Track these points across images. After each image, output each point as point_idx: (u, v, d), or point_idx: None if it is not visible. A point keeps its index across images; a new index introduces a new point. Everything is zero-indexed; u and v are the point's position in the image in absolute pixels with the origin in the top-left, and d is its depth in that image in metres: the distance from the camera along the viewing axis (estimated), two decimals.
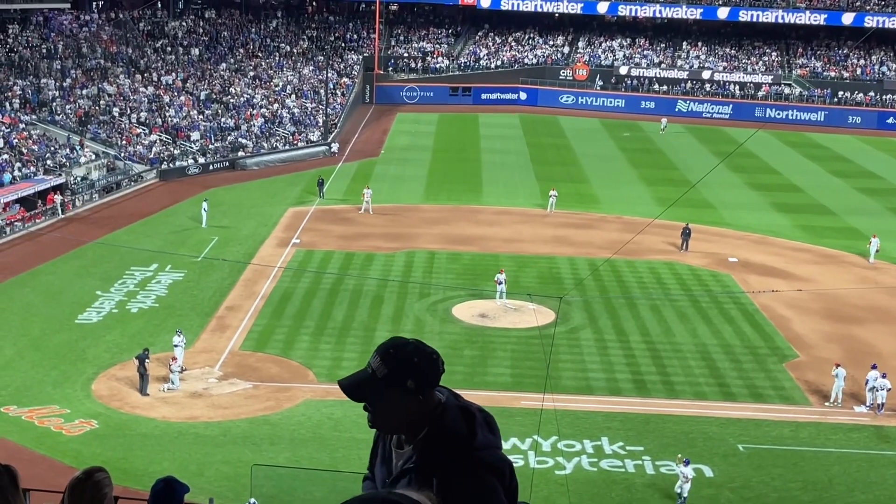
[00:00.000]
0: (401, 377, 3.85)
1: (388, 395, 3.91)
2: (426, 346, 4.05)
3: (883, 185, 72.14)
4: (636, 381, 36.37)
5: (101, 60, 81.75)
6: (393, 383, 3.85)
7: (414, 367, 3.90)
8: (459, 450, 3.94)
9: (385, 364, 3.92)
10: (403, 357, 3.93)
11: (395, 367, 3.88)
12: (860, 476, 29.98)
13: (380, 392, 3.93)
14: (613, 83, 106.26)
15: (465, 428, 4.02)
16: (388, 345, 4.06)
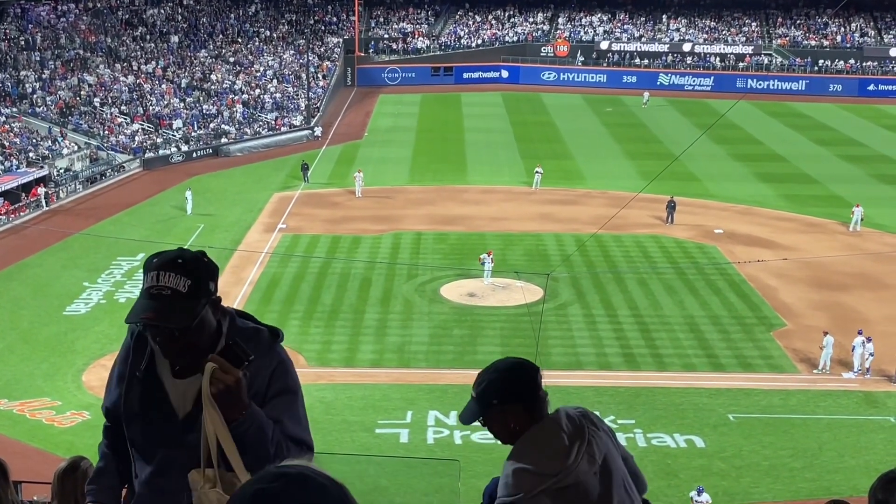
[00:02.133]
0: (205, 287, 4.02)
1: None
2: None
3: (865, 153, 72.38)
4: (625, 354, 36.56)
5: (80, 51, 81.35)
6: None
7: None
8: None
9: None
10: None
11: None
12: (850, 441, 30.24)
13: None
14: (595, 58, 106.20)
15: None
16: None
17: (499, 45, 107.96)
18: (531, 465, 4.33)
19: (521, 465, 4.34)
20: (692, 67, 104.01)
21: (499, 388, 4.54)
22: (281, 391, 4.09)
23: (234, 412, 3.80)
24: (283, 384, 4.10)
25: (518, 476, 4.32)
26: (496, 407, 4.50)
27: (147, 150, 69.09)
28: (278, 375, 4.10)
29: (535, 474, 4.31)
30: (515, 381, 4.61)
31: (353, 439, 29.76)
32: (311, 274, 45.22)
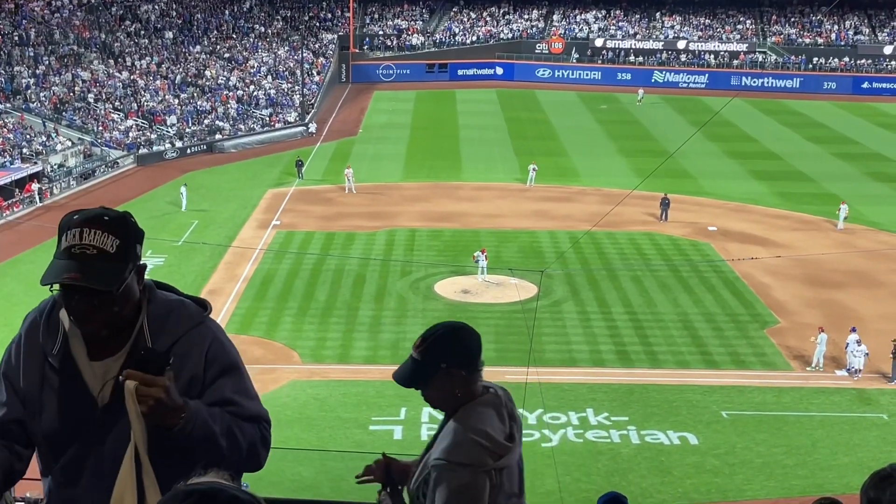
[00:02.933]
0: None
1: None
2: None
3: (859, 150, 72.48)
4: (619, 351, 36.59)
5: (74, 46, 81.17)
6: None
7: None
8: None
9: None
10: None
11: None
12: (843, 439, 30.29)
13: None
14: (589, 55, 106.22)
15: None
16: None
17: (493, 42, 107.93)
18: (485, 441, 4.27)
19: (476, 437, 4.27)
20: (687, 65, 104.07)
21: (450, 350, 4.42)
22: (223, 370, 3.74)
23: (170, 420, 3.46)
24: (223, 361, 3.74)
25: (473, 446, 4.24)
26: (443, 371, 4.36)
27: (141, 146, 68.99)
28: (215, 353, 3.72)
29: (487, 450, 4.26)
30: (467, 344, 4.50)
31: (347, 436, 29.76)
32: (306, 270, 45.20)
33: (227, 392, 3.73)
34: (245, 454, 3.74)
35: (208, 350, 3.72)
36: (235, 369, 3.80)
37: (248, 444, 3.75)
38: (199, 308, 3.82)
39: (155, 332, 3.68)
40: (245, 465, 3.80)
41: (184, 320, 3.72)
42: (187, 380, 3.63)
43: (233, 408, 3.72)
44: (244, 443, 3.71)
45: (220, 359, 3.75)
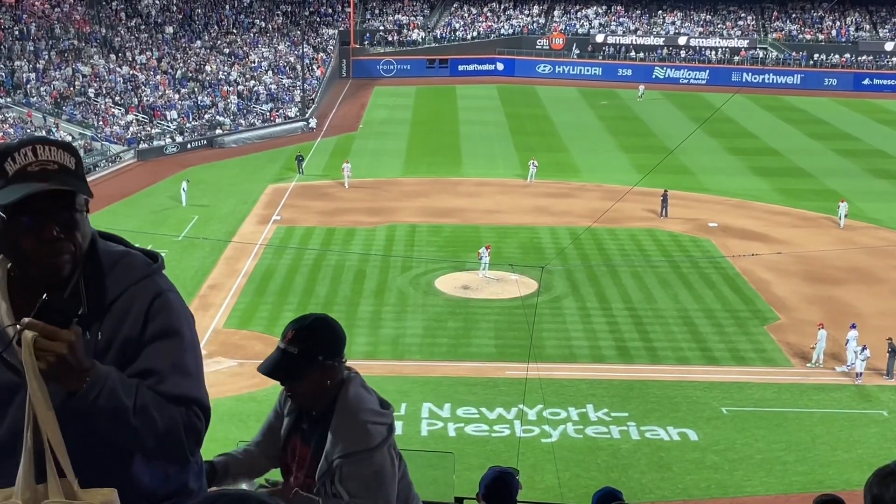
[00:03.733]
0: None
1: None
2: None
3: (860, 147, 72.46)
4: (619, 347, 36.59)
5: (74, 41, 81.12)
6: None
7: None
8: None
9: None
10: None
11: None
12: (843, 435, 30.30)
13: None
14: (590, 51, 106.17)
15: None
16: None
17: (494, 38, 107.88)
18: (378, 418, 4.42)
19: (369, 419, 4.38)
20: (687, 61, 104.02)
21: (326, 342, 4.40)
22: (160, 334, 3.18)
23: (71, 383, 2.95)
24: (164, 324, 3.18)
25: (372, 428, 4.35)
26: (320, 363, 4.34)
27: (141, 141, 68.97)
28: (157, 312, 3.17)
29: (383, 426, 4.43)
30: (340, 334, 4.51)
31: None
32: (306, 266, 45.19)
33: (157, 361, 3.16)
34: (162, 439, 3.14)
35: (150, 307, 3.18)
36: (175, 336, 3.21)
37: (167, 428, 3.13)
38: (147, 260, 3.31)
39: (93, 285, 3.17)
40: (164, 453, 3.24)
41: (128, 273, 3.21)
42: (122, 341, 3.14)
43: (157, 382, 3.14)
44: (161, 425, 3.11)
45: (162, 320, 3.18)
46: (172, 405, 3.15)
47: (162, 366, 3.17)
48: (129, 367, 3.14)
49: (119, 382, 3.04)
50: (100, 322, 3.16)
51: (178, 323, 3.23)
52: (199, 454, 3.42)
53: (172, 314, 3.22)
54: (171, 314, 3.22)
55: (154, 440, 3.13)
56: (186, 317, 3.30)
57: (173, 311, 3.23)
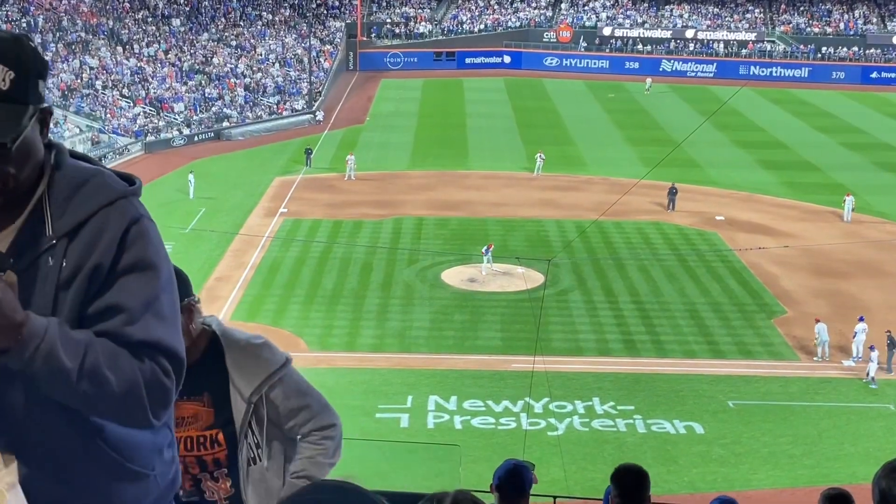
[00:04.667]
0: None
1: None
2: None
3: (867, 140, 72.28)
4: (626, 341, 36.59)
5: (81, 33, 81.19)
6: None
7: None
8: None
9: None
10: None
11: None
12: (849, 429, 30.28)
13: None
14: (597, 44, 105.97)
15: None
16: None
17: (501, 31, 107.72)
18: (262, 339, 4.46)
19: (260, 341, 4.42)
20: (695, 54, 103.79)
21: (181, 285, 3.91)
22: (134, 265, 2.69)
23: (1, 340, 2.49)
24: (140, 255, 2.70)
25: (270, 346, 4.42)
26: (185, 306, 4.08)
27: (149, 133, 69.04)
28: (133, 240, 2.70)
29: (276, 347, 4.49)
30: (181, 272, 4.14)
31: (354, 424, 29.77)
32: (313, 258, 45.23)
33: (128, 297, 2.65)
34: (119, 403, 2.64)
35: (126, 233, 2.70)
36: (153, 271, 2.72)
37: (125, 389, 2.62)
38: (122, 181, 2.83)
39: (58, 206, 2.68)
40: (120, 417, 2.72)
41: (100, 192, 2.72)
42: (91, 270, 2.63)
43: (125, 322, 2.65)
44: (117, 387, 2.60)
45: (138, 250, 2.70)
46: (138, 355, 2.64)
47: (133, 303, 2.65)
48: (95, 302, 2.65)
49: (61, 340, 2.53)
50: (65, 247, 2.65)
51: (156, 256, 2.74)
52: (167, 417, 2.92)
53: (150, 245, 2.74)
54: (150, 245, 2.74)
55: (108, 402, 2.63)
56: (165, 252, 2.81)
57: (151, 242, 2.76)
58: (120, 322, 2.64)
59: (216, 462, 4.32)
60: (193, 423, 4.31)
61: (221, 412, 4.30)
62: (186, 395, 4.27)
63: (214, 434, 4.30)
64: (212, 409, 4.31)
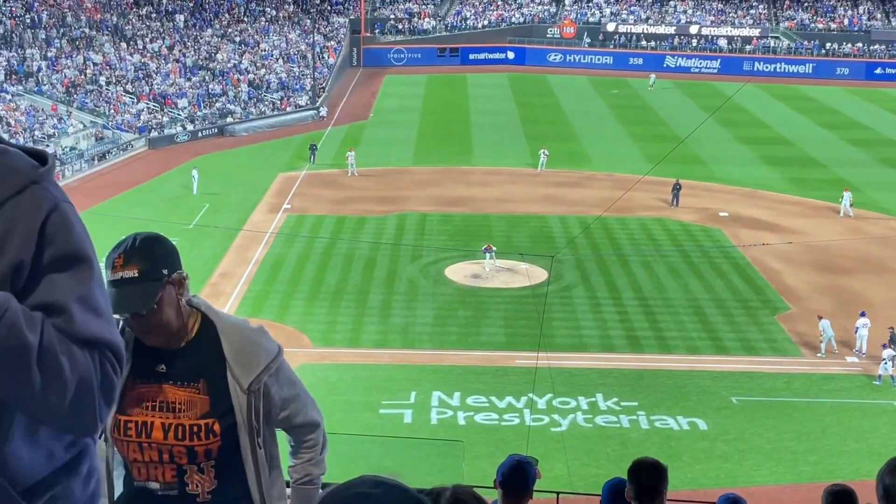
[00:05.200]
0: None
1: None
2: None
3: (871, 136, 72.19)
4: (629, 337, 36.58)
5: (85, 29, 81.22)
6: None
7: None
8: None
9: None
10: None
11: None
12: (853, 425, 30.26)
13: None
14: (601, 40, 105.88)
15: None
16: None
17: (505, 26, 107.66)
18: (254, 325, 4.29)
19: (254, 326, 4.26)
20: (699, 50, 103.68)
21: (167, 254, 3.92)
22: (61, 259, 2.37)
23: None
24: (66, 247, 2.38)
25: (265, 332, 4.25)
26: (167, 280, 3.87)
27: (152, 129, 69.07)
28: (55, 231, 2.36)
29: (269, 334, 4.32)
30: (171, 244, 4.03)
31: (357, 419, 29.81)
32: (316, 254, 45.25)
33: (61, 294, 2.35)
34: (71, 397, 2.35)
35: (45, 223, 2.34)
36: (82, 264, 2.42)
37: (78, 379, 2.36)
38: (31, 161, 2.41)
39: None
40: (69, 417, 2.39)
41: (6, 180, 2.33)
42: (10, 269, 2.31)
43: (64, 322, 2.35)
44: (70, 376, 2.33)
45: (63, 241, 2.38)
46: (83, 352, 2.38)
47: (68, 301, 2.35)
48: (24, 302, 2.32)
49: (22, 311, 2.26)
50: None
51: (82, 246, 2.43)
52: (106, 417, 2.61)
53: (75, 234, 2.41)
54: (74, 234, 2.41)
55: (59, 393, 2.32)
56: (90, 238, 2.49)
57: (76, 231, 2.42)
58: (60, 321, 2.34)
59: (207, 453, 4.08)
60: (187, 411, 4.06)
61: (218, 401, 4.07)
62: (181, 380, 4.08)
63: (210, 423, 4.06)
64: (207, 396, 4.06)
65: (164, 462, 4.09)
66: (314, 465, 4.51)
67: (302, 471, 4.49)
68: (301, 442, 4.46)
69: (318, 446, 4.52)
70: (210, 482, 4.13)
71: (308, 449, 4.47)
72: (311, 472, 4.50)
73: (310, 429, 4.44)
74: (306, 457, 4.48)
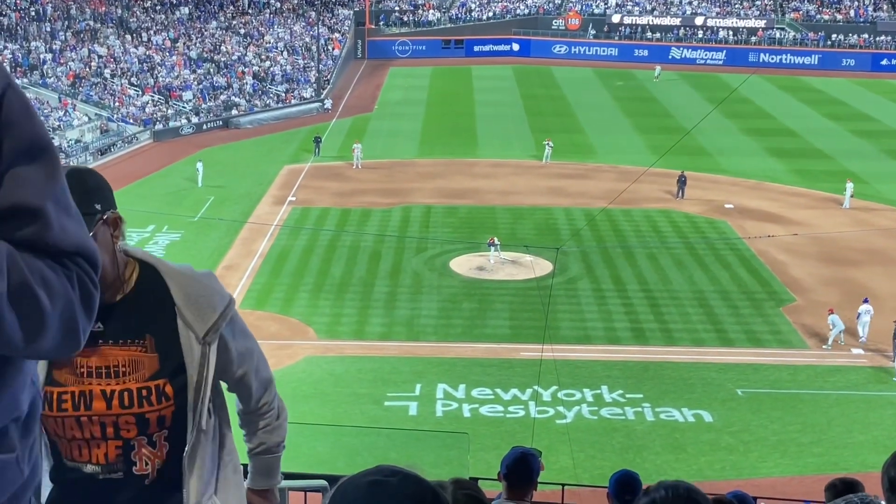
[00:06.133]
0: None
1: None
2: None
3: (877, 127, 72.04)
4: (634, 329, 36.57)
5: (90, 22, 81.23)
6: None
7: None
8: None
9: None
10: None
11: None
12: (858, 417, 30.24)
13: None
14: (606, 32, 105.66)
15: None
16: None
17: (510, 18, 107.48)
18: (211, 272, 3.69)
19: (201, 270, 3.64)
20: (704, 41, 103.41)
21: (99, 187, 3.50)
22: (25, 150, 1.93)
23: None
24: (27, 135, 1.94)
25: (217, 278, 3.67)
26: (100, 217, 3.37)
27: (157, 121, 69.09)
28: (15, 113, 1.92)
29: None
30: (102, 177, 3.61)
31: (362, 412, 29.86)
32: (321, 247, 45.27)
33: (31, 194, 1.93)
34: (54, 333, 1.98)
35: (1, 106, 1.90)
36: (48, 153, 1.99)
37: (60, 311, 1.98)
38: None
39: None
40: (51, 351, 2.04)
41: None
42: None
43: (37, 230, 1.95)
44: (52, 312, 1.95)
45: (23, 128, 1.93)
46: (60, 263, 1.99)
47: (41, 201, 1.94)
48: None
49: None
50: None
51: (45, 132, 2.01)
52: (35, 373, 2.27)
53: (37, 119, 1.98)
54: (36, 119, 1.98)
55: (40, 337, 1.95)
56: (44, 129, 2.02)
57: (36, 115, 1.98)
58: (35, 229, 1.94)
59: (160, 421, 3.48)
60: (132, 374, 3.45)
61: (168, 358, 3.48)
62: (122, 338, 3.47)
63: (161, 385, 3.47)
64: (155, 353, 3.47)
65: (108, 437, 3.47)
66: (270, 433, 4.04)
67: (257, 441, 4.06)
68: (256, 408, 3.96)
69: (275, 411, 4.02)
70: (162, 457, 3.53)
71: (263, 415, 3.98)
72: (267, 440, 4.05)
73: (265, 390, 3.92)
74: (262, 423, 4.01)
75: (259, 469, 4.13)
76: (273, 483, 4.19)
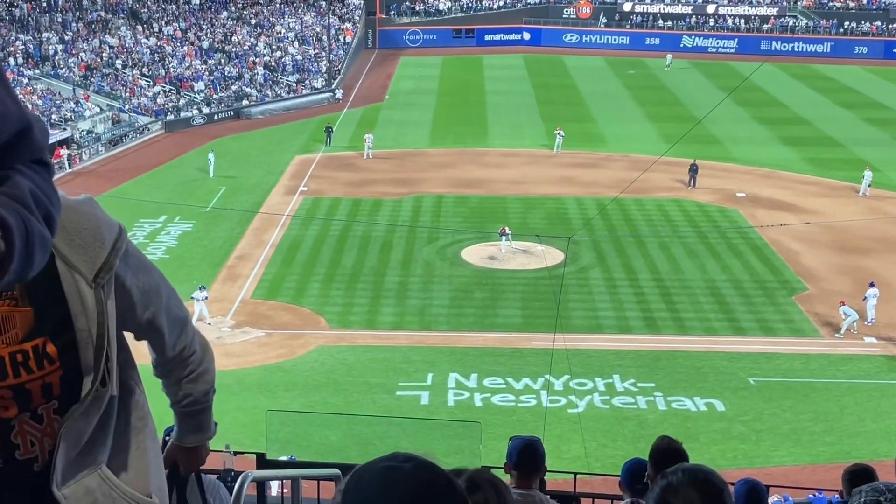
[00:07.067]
0: None
1: None
2: None
3: (890, 115, 71.70)
4: (646, 318, 36.53)
5: (101, 12, 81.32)
6: None
7: None
8: None
9: None
10: None
11: None
12: (871, 405, 30.19)
13: None
14: (617, 20, 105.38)
15: None
16: None
17: (521, 7, 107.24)
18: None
19: (86, 198, 2.90)
20: (716, 29, 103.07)
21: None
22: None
23: None
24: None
25: (99, 204, 2.94)
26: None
27: (169, 112, 69.17)
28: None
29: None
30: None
31: (375, 401, 29.91)
32: (332, 237, 45.31)
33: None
34: (28, 254, 1.96)
35: None
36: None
37: (41, 235, 2.01)
38: None
39: None
40: (23, 270, 1.99)
41: None
42: None
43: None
44: (35, 234, 1.98)
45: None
46: (24, 176, 1.96)
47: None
48: None
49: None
50: None
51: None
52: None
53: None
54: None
55: (25, 264, 1.93)
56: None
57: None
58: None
59: (45, 390, 2.70)
60: (1, 335, 2.64)
61: (48, 310, 2.68)
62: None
63: (41, 345, 2.67)
64: (29, 307, 2.66)
65: None
66: (195, 381, 3.38)
67: (182, 392, 3.41)
68: (175, 355, 3.28)
69: (197, 354, 3.34)
70: (52, 434, 2.74)
71: (184, 361, 3.31)
72: (193, 390, 3.40)
73: (181, 331, 3.23)
74: (184, 372, 3.35)
75: (187, 424, 3.54)
76: (206, 438, 3.63)
